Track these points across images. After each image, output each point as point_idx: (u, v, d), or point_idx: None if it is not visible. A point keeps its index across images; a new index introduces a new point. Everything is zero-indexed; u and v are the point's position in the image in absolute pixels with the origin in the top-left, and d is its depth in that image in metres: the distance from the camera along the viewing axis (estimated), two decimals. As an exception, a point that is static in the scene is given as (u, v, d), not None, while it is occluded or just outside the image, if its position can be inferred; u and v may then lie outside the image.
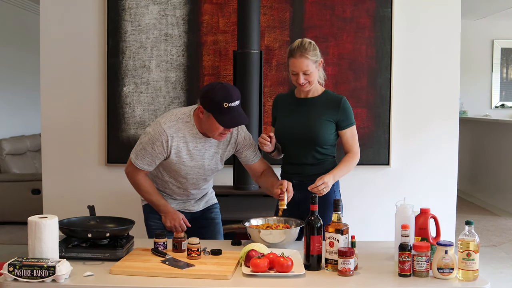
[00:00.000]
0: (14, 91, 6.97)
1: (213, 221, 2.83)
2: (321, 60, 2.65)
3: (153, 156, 2.52)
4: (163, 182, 2.69)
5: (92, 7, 3.93)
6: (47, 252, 2.00)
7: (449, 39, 3.96)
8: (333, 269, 2.06)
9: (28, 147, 6.61)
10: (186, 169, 2.57)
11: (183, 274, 2.00)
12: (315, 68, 2.61)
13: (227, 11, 3.91)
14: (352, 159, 2.67)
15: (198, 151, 2.55)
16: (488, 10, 7.30)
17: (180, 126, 2.51)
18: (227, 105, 2.38)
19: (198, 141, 2.54)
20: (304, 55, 2.56)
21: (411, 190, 3.93)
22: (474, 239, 1.96)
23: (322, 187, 2.50)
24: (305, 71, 2.58)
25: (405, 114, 3.99)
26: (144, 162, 2.54)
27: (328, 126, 2.64)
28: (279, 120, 2.75)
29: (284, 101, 2.78)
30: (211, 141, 2.58)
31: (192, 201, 2.77)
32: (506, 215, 6.42)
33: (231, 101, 2.39)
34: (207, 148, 2.57)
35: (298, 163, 2.69)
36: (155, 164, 2.56)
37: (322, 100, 2.67)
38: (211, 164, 2.62)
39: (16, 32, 7.04)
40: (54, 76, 3.97)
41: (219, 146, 2.61)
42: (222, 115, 2.40)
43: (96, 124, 3.98)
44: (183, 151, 2.52)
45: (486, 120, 7.26)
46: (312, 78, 2.61)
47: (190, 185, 2.66)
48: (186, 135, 2.51)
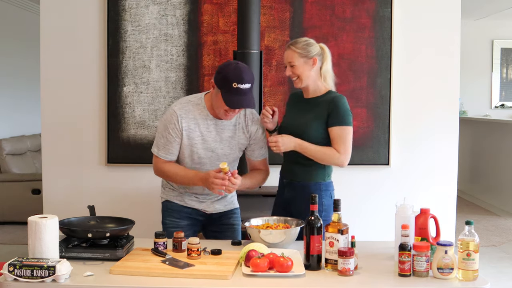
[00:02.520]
0: (14, 91, 6.98)
1: (230, 227, 2.77)
2: (314, 58, 2.63)
3: (171, 141, 2.54)
4: None
5: (92, 7, 3.93)
6: (47, 252, 2.00)
7: (449, 39, 3.97)
8: (333, 269, 2.06)
9: (28, 147, 6.62)
10: (198, 152, 2.56)
11: (183, 274, 2.00)
12: (303, 64, 2.61)
13: (227, 11, 3.91)
14: (332, 152, 2.58)
15: (209, 132, 2.56)
16: (488, 10, 7.31)
17: (190, 108, 2.55)
18: (236, 85, 2.39)
19: (209, 123, 2.56)
20: (291, 48, 2.62)
21: (411, 190, 3.94)
22: (474, 239, 1.96)
23: (273, 144, 2.52)
24: (290, 63, 2.62)
25: (405, 114, 3.99)
26: (165, 150, 2.57)
27: (317, 123, 2.62)
28: (284, 118, 2.80)
29: (293, 100, 2.83)
30: (223, 124, 2.58)
31: (208, 202, 2.71)
32: (506, 215, 6.42)
33: (241, 83, 2.40)
34: (219, 131, 2.58)
35: (289, 161, 2.72)
36: (175, 150, 2.57)
37: (321, 100, 2.67)
38: (224, 149, 2.60)
39: (16, 32, 7.04)
40: (54, 76, 3.97)
41: (232, 131, 2.60)
42: (230, 94, 2.41)
43: (96, 124, 3.98)
44: (194, 133, 2.54)
45: (486, 120, 7.26)
46: (299, 72, 2.62)
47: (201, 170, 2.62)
48: (197, 117, 2.54)
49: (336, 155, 2.59)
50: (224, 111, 2.49)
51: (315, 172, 2.66)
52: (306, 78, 2.64)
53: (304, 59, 2.62)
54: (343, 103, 2.63)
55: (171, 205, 2.73)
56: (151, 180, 3.92)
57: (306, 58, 2.62)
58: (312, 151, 2.59)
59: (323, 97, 2.68)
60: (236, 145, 2.63)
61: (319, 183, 2.68)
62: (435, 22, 3.96)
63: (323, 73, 2.68)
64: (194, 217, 2.72)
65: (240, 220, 2.82)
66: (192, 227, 2.72)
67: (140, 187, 3.97)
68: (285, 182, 2.73)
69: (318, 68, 2.66)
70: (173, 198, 2.73)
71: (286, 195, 2.72)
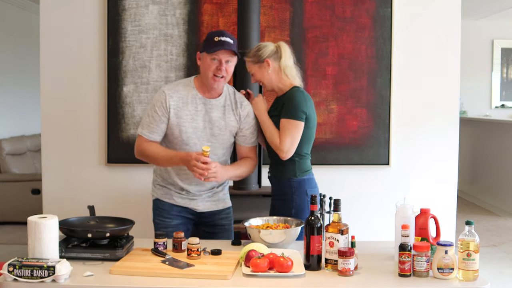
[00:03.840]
0: (14, 91, 6.98)
1: (221, 228, 2.75)
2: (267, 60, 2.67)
3: (156, 119, 2.56)
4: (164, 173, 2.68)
5: (92, 7, 3.93)
6: (47, 252, 2.00)
7: (449, 39, 3.97)
8: (333, 269, 2.06)
9: (28, 147, 6.61)
10: (188, 132, 2.56)
11: (183, 274, 2.00)
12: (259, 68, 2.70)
13: (227, 11, 3.91)
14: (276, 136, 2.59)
15: (199, 112, 2.58)
16: (488, 10, 7.31)
17: (179, 88, 2.60)
18: (218, 38, 2.48)
19: (198, 102, 2.58)
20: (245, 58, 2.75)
21: (411, 190, 3.93)
22: (474, 239, 1.96)
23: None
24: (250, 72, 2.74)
25: (405, 114, 3.99)
26: (149, 129, 2.58)
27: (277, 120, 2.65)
28: None
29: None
30: (211, 103, 2.60)
31: (198, 199, 2.68)
32: (506, 215, 6.42)
33: (222, 36, 2.49)
34: (208, 110, 2.59)
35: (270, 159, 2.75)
36: (159, 130, 2.57)
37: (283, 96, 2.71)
38: (214, 129, 2.60)
39: (16, 32, 7.04)
40: (54, 76, 3.97)
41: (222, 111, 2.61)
42: (212, 46, 2.49)
43: (96, 124, 3.98)
44: (182, 111, 2.55)
45: (486, 120, 7.26)
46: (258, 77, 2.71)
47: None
48: (186, 96, 2.58)
49: (276, 141, 2.60)
50: (212, 76, 2.52)
51: (285, 168, 2.66)
52: (268, 81, 2.70)
53: (258, 64, 2.69)
54: (296, 96, 2.62)
55: (161, 204, 2.70)
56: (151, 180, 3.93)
57: (259, 63, 2.68)
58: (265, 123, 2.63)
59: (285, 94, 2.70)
60: (225, 127, 2.62)
61: (290, 179, 2.66)
62: (435, 22, 3.96)
63: (282, 70, 2.68)
64: (184, 216, 2.69)
65: (232, 220, 2.81)
66: (183, 226, 2.68)
67: (140, 187, 3.97)
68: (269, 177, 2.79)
69: (276, 67, 2.68)
70: (162, 196, 2.70)
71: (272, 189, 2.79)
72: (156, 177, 2.76)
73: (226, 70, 2.53)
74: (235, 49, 2.54)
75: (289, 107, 2.60)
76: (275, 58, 2.68)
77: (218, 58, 2.51)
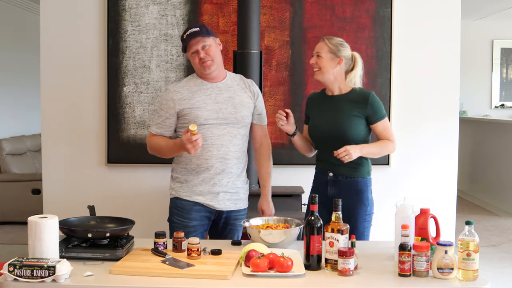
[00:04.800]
0: (14, 91, 6.98)
1: (233, 227, 2.79)
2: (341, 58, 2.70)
3: (162, 116, 2.68)
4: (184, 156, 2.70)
5: (92, 7, 3.93)
6: (47, 252, 2.00)
7: (449, 39, 3.97)
8: (333, 269, 2.06)
9: (28, 147, 6.62)
10: (204, 115, 2.62)
11: (183, 274, 2.00)
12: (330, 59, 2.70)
13: (227, 11, 3.91)
14: (386, 143, 2.72)
15: (208, 96, 2.67)
16: (488, 10, 7.31)
17: (184, 83, 2.72)
18: (185, 35, 2.66)
19: (205, 87, 2.69)
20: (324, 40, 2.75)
21: (411, 190, 3.93)
22: (474, 239, 1.96)
23: (343, 154, 2.55)
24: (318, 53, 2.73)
25: (405, 114, 3.99)
26: (157, 125, 2.69)
27: (357, 121, 2.68)
28: (311, 118, 2.82)
29: (315, 99, 2.86)
30: (218, 87, 2.70)
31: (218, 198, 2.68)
32: (506, 215, 6.42)
33: (187, 31, 2.66)
34: (217, 93, 2.68)
35: (331, 160, 2.70)
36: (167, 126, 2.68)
37: (350, 97, 2.73)
38: (228, 108, 2.66)
39: (16, 32, 7.05)
40: (54, 76, 3.97)
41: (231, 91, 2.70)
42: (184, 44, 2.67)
43: (96, 124, 3.98)
44: (194, 99, 2.65)
45: (486, 120, 7.26)
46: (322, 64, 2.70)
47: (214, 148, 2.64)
48: (191, 86, 2.69)
49: (391, 144, 2.74)
50: (201, 65, 2.64)
51: (363, 168, 2.74)
52: (327, 72, 2.71)
53: (331, 55, 2.70)
54: (377, 98, 2.73)
55: (181, 203, 2.70)
56: (151, 180, 3.94)
57: (334, 55, 2.71)
58: (374, 149, 2.70)
59: (351, 94, 2.73)
60: (240, 104, 2.68)
61: (365, 178, 2.76)
62: (435, 22, 3.96)
63: (348, 78, 2.75)
64: (203, 215, 2.69)
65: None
66: (201, 227, 2.69)
67: (140, 187, 3.97)
68: (330, 179, 2.73)
69: (343, 70, 2.74)
70: (182, 194, 2.70)
71: (330, 191, 2.73)
72: (177, 172, 2.75)
73: (208, 54, 2.64)
74: (204, 33, 2.64)
75: (380, 107, 2.71)
76: (346, 63, 2.75)
77: (194, 49, 2.64)
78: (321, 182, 2.78)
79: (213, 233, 2.79)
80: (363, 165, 2.73)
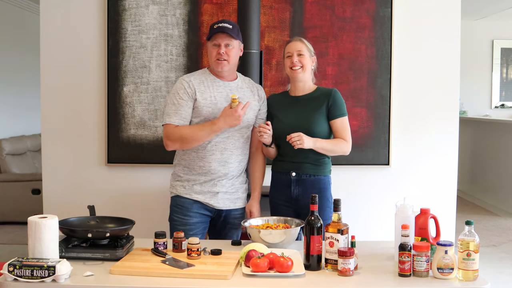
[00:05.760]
0: (14, 91, 6.98)
1: (232, 226, 2.81)
2: (314, 57, 2.84)
3: (182, 105, 2.64)
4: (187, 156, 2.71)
5: (92, 7, 3.93)
6: (47, 252, 2.01)
7: (449, 39, 3.96)
8: (333, 269, 2.07)
9: (28, 147, 6.62)
10: (214, 113, 2.64)
11: (183, 274, 2.00)
12: (308, 57, 2.79)
13: (227, 11, 3.91)
14: (341, 142, 2.76)
15: (220, 93, 2.69)
16: (488, 10, 7.31)
17: (196, 76, 2.76)
18: (216, 25, 2.66)
19: (217, 84, 2.71)
20: (302, 40, 2.82)
21: (411, 190, 3.93)
22: (474, 239, 1.96)
23: (296, 139, 2.60)
24: (299, 51, 2.77)
25: (405, 114, 3.99)
26: (178, 116, 2.64)
27: (320, 118, 2.74)
28: (276, 118, 2.83)
29: (279, 100, 2.90)
30: (230, 85, 2.73)
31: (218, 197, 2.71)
32: (506, 215, 6.42)
33: (221, 23, 2.66)
34: (228, 92, 2.70)
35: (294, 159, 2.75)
36: (187, 115, 2.65)
37: (314, 96, 2.81)
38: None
39: (16, 32, 7.05)
40: (54, 76, 3.97)
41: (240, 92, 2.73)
42: (211, 33, 2.67)
43: (96, 124, 3.98)
44: (206, 93, 2.66)
45: (486, 120, 7.26)
46: (305, 62, 2.77)
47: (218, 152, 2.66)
48: (204, 81, 2.71)
49: (345, 144, 2.77)
50: (215, 60, 2.65)
51: (326, 166, 2.79)
52: (307, 71, 2.81)
53: (309, 54, 2.81)
54: (339, 95, 2.81)
55: (181, 201, 2.72)
56: (151, 180, 3.94)
57: (310, 54, 2.82)
58: (327, 147, 2.72)
59: (316, 93, 2.82)
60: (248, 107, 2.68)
61: (327, 177, 2.80)
62: (435, 22, 3.96)
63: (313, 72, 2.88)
64: (203, 213, 2.71)
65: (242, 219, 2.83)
66: (201, 224, 2.71)
67: (140, 187, 3.97)
68: (293, 179, 2.75)
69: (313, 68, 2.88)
70: (182, 192, 2.73)
71: (295, 191, 2.76)
72: (178, 171, 2.76)
73: (227, 54, 2.66)
74: (234, 34, 2.66)
75: (340, 106, 2.77)
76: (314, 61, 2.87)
77: (217, 42, 2.65)
78: (282, 183, 2.81)
79: (213, 232, 2.80)
80: (326, 163, 2.79)
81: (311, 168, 2.74)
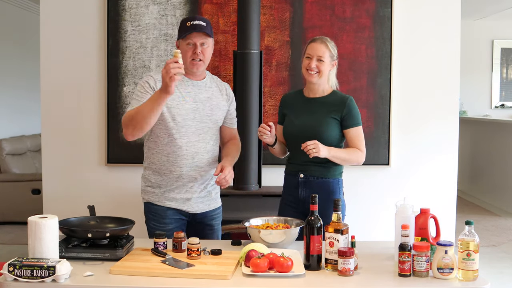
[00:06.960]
0: (14, 91, 6.98)
1: (211, 228, 2.76)
2: (336, 61, 2.74)
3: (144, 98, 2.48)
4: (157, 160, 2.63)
5: (92, 7, 3.93)
6: (47, 252, 2.00)
7: (449, 39, 3.97)
8: (333, 269, 2.06)
9: (28, 147, 6.62)
10: (181, 114, 2.55)
11: (183, 274, 2.00)
12: (329, 62, 2.69)
13: (227, 11, 3.91)
14: (356, 151, 2.69)
15: (188, 93, 2.59)
16: (488, 10, 7.31)
17: None
18: (190, 23, 2.52)
19: (187, 84, 2.60)
20: (326, 43, 2.70)
21: (411, 190, 3.93)
22: (474, 239, 1.96)
23: (312, 146, 2.53)
24: (319, 57, 2.66)
25: (405, 114, 3.99)
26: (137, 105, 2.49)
27: (333, 124, 2.68)
28: (288, 118, 2.80)
29: (292, 100, 2.84)
30: (199, 84, 2.63)
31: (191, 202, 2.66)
32: (506, 215, 6.42)
33: (193, 20, 2.52)
34: (197, 92, 2.61)
35: (302, 161, 2.70)
36: None
37: (329, 100, 2.73)
38: (206, 109, 2.61)
39: (16, 32, 7.05)
40: (54, 76, 3.97)
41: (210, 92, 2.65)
42: (185, 31, 2.52)
43: (96, 124, 3.98)
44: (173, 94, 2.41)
45: (486, 120, 7.26)
46: (323, 68, 2.67)
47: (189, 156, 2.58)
48: None
49: (360, 154, 2.70)
50: (190, 61, 2.54)
51: (335, 168, 2.72)
52: (324, 76, 2.71)
53: (330, 58, 2.71)
54: (355, 104, 2.72)
55: (154, 208, 2.66)
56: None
57: (331, 58, 2.71)
58: (341, 154, 2.66)
59: (331, 97, 2.73)
60: (217, 106, 2.65)
61: (337, 179, 2.74)
62: (435, 22, 3.96)
63: (331, 76, 2.76)
64: (179, 218, 2.66)
65: (221, 219, 2.82)
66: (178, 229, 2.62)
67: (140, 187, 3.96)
68: (301, 180, 2.72)
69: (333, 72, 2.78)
70: (154, 199, 2.67)
71: (302, 193, 2.71)
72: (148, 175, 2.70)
73: (203, 53, 2.55)
74: (208, 31, 2.55)
75: (355, 115, 2.70)
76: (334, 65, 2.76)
77: (193, 41, 2.53)
78: (291, 184, 2.78)
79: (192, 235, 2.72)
80: (335, 165, 2.72)
81: (319, 170, 2.69)
